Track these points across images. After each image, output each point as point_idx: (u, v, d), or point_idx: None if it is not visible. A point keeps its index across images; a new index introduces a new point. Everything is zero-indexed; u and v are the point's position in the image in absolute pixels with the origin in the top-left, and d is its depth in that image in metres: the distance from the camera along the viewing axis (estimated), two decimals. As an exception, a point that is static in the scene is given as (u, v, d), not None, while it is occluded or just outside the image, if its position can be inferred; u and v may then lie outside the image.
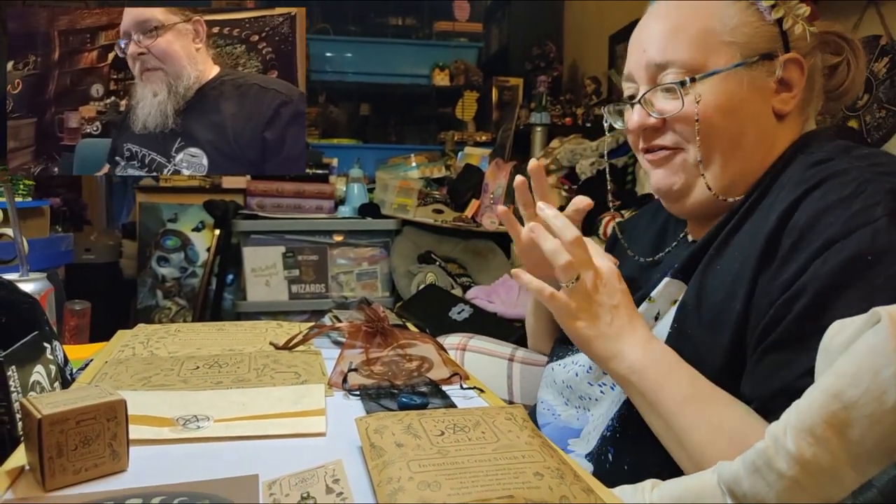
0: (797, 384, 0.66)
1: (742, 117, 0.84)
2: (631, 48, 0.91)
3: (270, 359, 0.97)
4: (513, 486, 0.57)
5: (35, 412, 0.58)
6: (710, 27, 0.84)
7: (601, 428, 0.89)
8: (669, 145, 0.87)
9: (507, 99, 3.90)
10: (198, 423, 0.74)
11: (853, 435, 0.49)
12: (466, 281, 2.93)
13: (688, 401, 0.75)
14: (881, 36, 1.71)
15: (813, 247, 0.69)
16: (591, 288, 0.82)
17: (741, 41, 0.84)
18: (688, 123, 0.84)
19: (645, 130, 0.88)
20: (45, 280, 1.21)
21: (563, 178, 2.85)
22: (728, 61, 0.83)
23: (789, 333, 0.69)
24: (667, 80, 0.85)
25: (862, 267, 0.66)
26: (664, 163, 0.88)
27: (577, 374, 0.96)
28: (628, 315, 0.82)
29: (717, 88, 0.83)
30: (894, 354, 0.48)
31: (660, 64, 0.85)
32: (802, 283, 0.69)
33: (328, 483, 0.60)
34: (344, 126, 4.47)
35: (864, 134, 1.73)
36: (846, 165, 0.74)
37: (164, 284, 3.19)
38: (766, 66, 0.84)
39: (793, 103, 0.85)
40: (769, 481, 0.54)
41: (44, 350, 0.80)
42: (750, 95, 0.84)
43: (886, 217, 0.67)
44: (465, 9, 4.50)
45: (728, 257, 0.80)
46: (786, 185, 0.77)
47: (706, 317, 0.79)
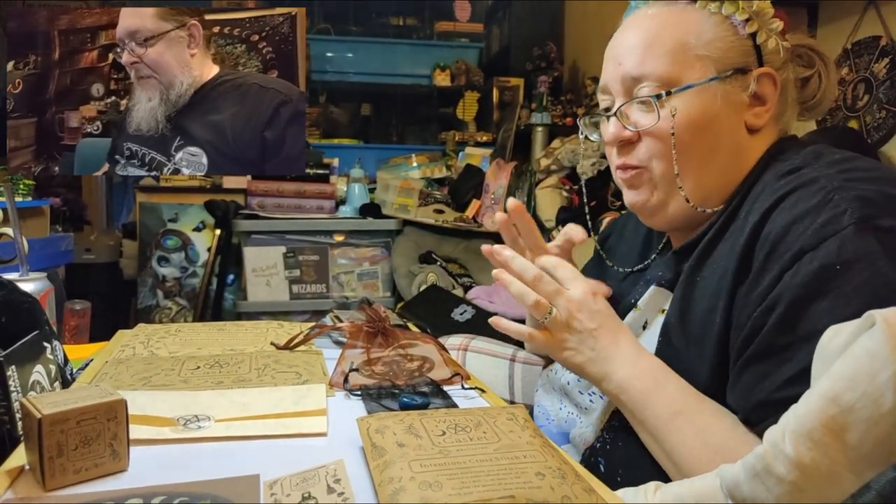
0: (776, 396, 0.67)
1: (716, 131, 0.84)
2: (606, 61, 0.90)
3: (271, 359, 0.97)
4: (514, 486, 0.57)
5: (35, 412, 0.58)
6: (685, 41, 0.83)
7: (589, 437, 0.90)
8: (636, 164, 0.87)
9: (507, 99, 3.90)
10: (198, 423, 0.74)
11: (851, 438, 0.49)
12: (467, 281, 2.93)
13: (674, 416, 0.76)
14: (881, 36, 1.71)
15: (785, 258, 0.70)
16: (568, 317, 0.84)
17: (715, 55, 0.83)
18: (662, 137, 0.84)
19: (620, 143, 0.88)
20: (45, 280, 1.21)
21: (564, 179, 2.86)
22: (702, 75, 0.83)
23: (766, 345, 0.70)
24: (642, 94, 0.85)
25: (831, 277, 0.67)
26: (635, 182, 0.88)
27: (570, 382, 0.97)
28: (612, 334, 0.83)
29: (692, 102, 0.82)
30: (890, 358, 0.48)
31: (635, 77, 0.85)
32: (776, 295, 0.69)
33: (329, 483, 0.60)
34: (345, 126, 4.47)
35: (865, 134, 1.73)
36: (816, 174, 0.74)
37: (164, 284, 3.19)
38: (739, 81, 0.84)
39: (766, 117, 0.85)
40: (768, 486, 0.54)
41: (44, 350, 0.80)
42: (724, 110, 0.83)
43: (853, 225, 0.67)
44: (466, 9, 4.50)
45: (708, 269, 0.81)
46: (759, 196, 0.78)
47: (690, 330, 0.80)
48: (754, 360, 0.71)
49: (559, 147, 2.93)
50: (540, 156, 3.09)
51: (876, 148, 1.69)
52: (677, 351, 0.81)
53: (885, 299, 0.61)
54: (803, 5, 1.90)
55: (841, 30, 1.84)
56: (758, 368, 0.70)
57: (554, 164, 2.87)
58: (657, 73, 0.83)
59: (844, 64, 1.83)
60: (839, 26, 1.84)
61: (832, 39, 1.87)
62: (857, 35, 1.79)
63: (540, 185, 2.89)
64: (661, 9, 0.87)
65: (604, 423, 0.88)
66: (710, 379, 0.77)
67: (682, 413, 0.76)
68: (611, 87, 0.89)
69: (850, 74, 1.81)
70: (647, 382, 0.79)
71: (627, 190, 0.91)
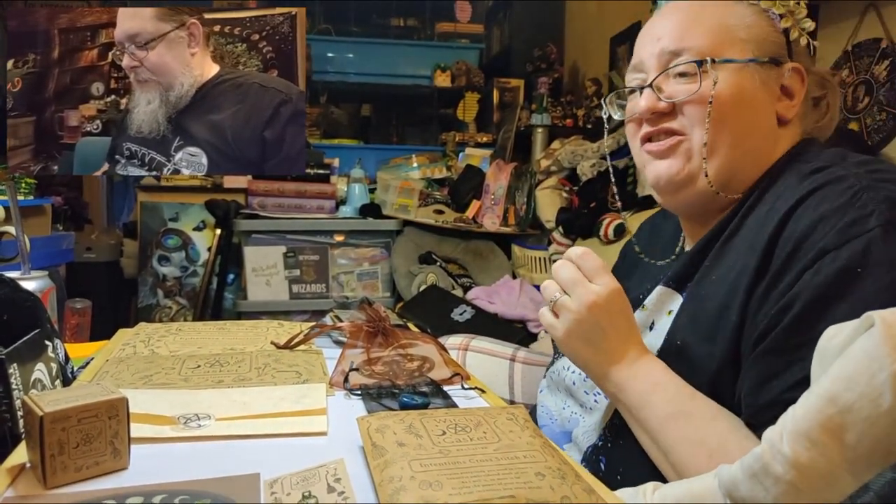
0: (786, 396, 0.66)
1: (752, 112, 0.84)
2: (642, 40, 0.91)
3: (272, 358, 0.97)
4: (514, 486, 0.57)
5: (37, 410, 0.58)
6: (727, 22, 0.85)
7: (592, 437, 0.90)
8: (676, 128, 0.86)
9: (508, 100, 3.91)
10: (199, 421, 0.74)
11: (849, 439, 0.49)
12: (467, 282, 2.93)
13: (670, 417, 0.76)
14: (881, 39, 1.71)
15: (807, 257, 0.69)
16: (583, 309, 0.81)
17: (755, 40, 0.84)
18: (700, 105, 0.83)
19: (653, 114, 0.87)
20: (46, 278, 1.21)
21: (563, 180, 2.86)
22: (742, 55, 0.84)
23: (779, 344, 0.69)
24: (678, 67, 0.84)
25: (853, 279, 0.66)
26: (668, 153, 0.87)
27: (575, 383, 0.97)
28: (625, 335, 0.82)
29: (732, 78, 0.83)
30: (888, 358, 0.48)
31: (674, 51, 0.85)
32: (794, 294, 0.69)
33: (330, 482, 0.60)
34: (345, 126, 4.47)
35: (864, 137, 1.73)
36: (843, 172, 0.73)
37: (164, 283, 3.19)
38: (774, 71, 0.85)
39: (793, 111, 0.86)
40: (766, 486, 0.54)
41: (45, 348, 0.80)
42: (760, 93, 0.84)
43: (880, 227, 0.67)
44: (467, 10, 4.51)
45: (724, 267, 0.80)
46: (782, 194, 0.77)
47: (702, 327, 0.79)
48: (765, 359, 0.70)
49: (559, 148, 2.94)
50: (540, 157, 3.09)
51: (876, 150, 1.69)
52: (684, 348, 0.80)
53: None
54: (804, 7, 1.91)
55: (841, 32, 1.84)
56: (768, 368, 0.70)
57: (554, 165, 2.88)
58: (698, 46, 0.83)
59: (845, 66, 1.83)
60: (840, 28, 1.85)
61: (833, 41, 1.87)
62: (858, 37, 1.79)
63: (540, 186, 2.90)
64: None
65: (606, 422, 0.88)
66: (716, 377, 0.76)
67: (680, 414, 0.75)
68: (645, 64, 0.88)
69: (850, 76, 1.81)
70: (646, 383, 0.79)
71: (657, 161, 0.88)
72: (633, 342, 0.82)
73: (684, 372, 0.79)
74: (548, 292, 0.85)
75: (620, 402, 0.82)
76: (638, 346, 0.82)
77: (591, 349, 0.82)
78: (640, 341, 0.83)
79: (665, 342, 0.84)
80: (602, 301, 0.81)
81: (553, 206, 2.75)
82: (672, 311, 0.86)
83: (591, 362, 0.83)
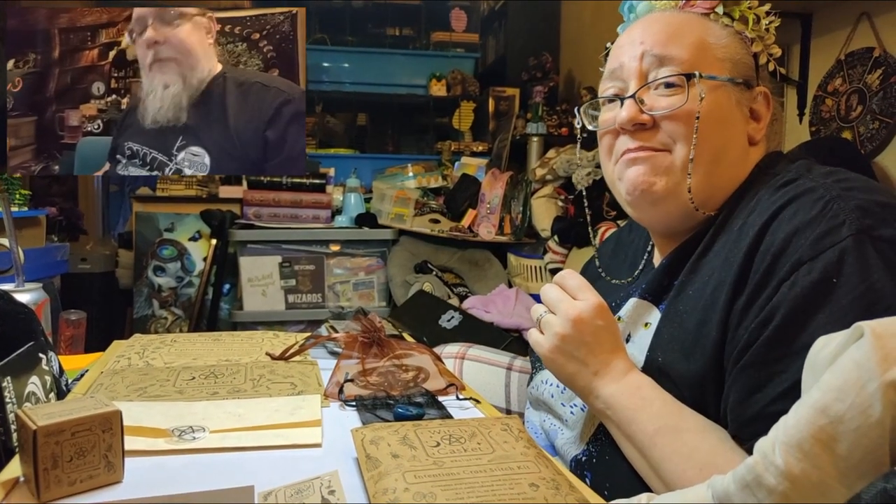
0: (770, 409, 0.67)
1: (731, 130, 0.85)
2: (621, 45, 0.89)
3: (266, 369, 0.97)
4: (508, 497, 0.57)
5: (30, 423, 0.58)
6: (706, 40, 0.85)
7: (572, 449, 0.90)
8: (659, 147, 0.84)
9: (503, 109, 3.92)
10: (193, 433, 0.74)
11: (841, 449, 0.49)
12: (463, 291, 2.93)
13: (659, 432, 0.75)
14: (874, 48, 1.72)
15: (784, 269, 0.70)
16: (567, 325, 0.82)
17: (731, 60, 0.85)
18: (685, 121, 0.82)
19: (634, 127, 0.85)
20: (40, 290, 1.21)
21: (559, 189, 2.86)
22: (721, 74, 0.84)
23: (761, 357, 0.70)
24: (665, 75, 0.84)
25: (829, 289, 0.67)
26: (648, 161, 0.85)
27: (553, 395, 0.97)
28: (609, 350, 0.82)
29: (712, 95, 0.83)
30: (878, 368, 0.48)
31: (659, 55, 0.84)
32: (773, 306, 0.69)
33: (324, 494, 0.60)
34: (341, 136, 4.47)
35: (858, 145, 1.74)
36: (812, 184, 0.74)
37: (160, 294, 3.18)
38: (745, 93, 0.86)
39: (761, 134, 0.88)
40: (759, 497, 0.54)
41: (39, 361, 0.80)
42: (736, 113, 0.85)
43: (852, 237, 0.67)
44: (462, 19, 4.52)
45: (699, 283, 0.80)
46: (755, 209, 0.78)
47: (681, 344, 0.79)
48: (747, 373, 0.71)
49: (554, 157, 2.94)
50: (535, 165, 3.10)
51: (869, 158, 1.70)
52: (666, 365, 0.80)
53: (882, 312, 0.61)
54: (797, 16, 1.92)
55: (834, 41, 1.85)
56: (751, 381, 0.70)
57: (549, 174, 2.88)
58: (682, 57, 0.83)
59: (838, 75, 1.84)
60: (833, 37, 1.86)
61: (826, 50, 1.88)
62: (851, 46, 1.80)
63: (535, 194, 2.90)
64: (677, 10, 0.89)
65: (589, 437, 0.88)
66: (700, 393, 0.76)
67: (668, 429, 0.75)
68: (626, 67, 0.87)
69: (843, 85, 1.82)
70: (634, 399, 0.79)
71: (635, 167, 0.86)
72: (619, 357, 0.82)
73: (667, 388, 0.79)
74: (535, 312, 0.86)
75: (608, 417, 0.81)
76: (624, 360, 0.82)
77: (576, 364, 0.82)
78: (625, 356, 0.83)
79: (647, 359, 0.84)
80: (586, 316, 0.81)
81: (549, 215, 2.76)
82: (650, 324, 0.86)
83: (577, 377, 0.83)
